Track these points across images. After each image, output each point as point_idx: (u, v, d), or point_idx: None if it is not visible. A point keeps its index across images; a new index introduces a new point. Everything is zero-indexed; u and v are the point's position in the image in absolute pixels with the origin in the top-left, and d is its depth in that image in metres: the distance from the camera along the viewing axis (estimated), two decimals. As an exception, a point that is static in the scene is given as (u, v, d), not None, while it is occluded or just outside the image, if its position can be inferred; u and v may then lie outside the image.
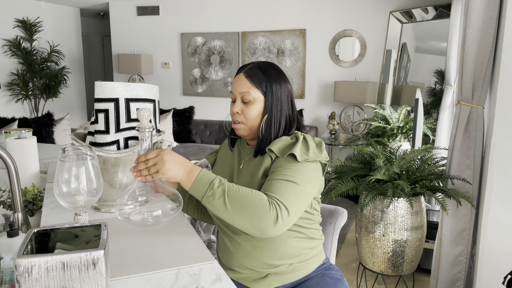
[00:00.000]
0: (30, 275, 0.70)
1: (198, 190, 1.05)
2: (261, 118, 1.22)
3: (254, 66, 1.24)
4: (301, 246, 1.23)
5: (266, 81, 1.21)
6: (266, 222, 1.03)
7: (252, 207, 1.03)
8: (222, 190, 1.04)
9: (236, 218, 1.04)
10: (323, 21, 4.63)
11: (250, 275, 1.24)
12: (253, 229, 1.05)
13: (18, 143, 1.58)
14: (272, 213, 1.04)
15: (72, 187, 0.91)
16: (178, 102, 5.50)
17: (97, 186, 0.95)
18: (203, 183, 1.05)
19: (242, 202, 1.03)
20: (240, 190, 1.05)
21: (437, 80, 3.80)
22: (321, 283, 1.25)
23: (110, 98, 1.25)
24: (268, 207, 1.04)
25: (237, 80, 1.24)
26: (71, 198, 0.93)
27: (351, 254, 3.00)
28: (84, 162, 0.93)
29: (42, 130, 4.33)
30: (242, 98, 1.22)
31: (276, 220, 1.04)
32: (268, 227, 1.04)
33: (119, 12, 5.60)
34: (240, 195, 1.04)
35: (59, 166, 0.92)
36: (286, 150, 1.17)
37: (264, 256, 1.21)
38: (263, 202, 1.04)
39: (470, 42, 1.95)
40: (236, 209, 1.03)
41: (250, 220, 1.03)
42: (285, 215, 1.06)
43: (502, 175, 1.90)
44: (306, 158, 1.15)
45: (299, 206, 1.11)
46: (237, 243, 1.23)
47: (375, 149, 2.28)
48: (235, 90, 1.23)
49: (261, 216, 1.03)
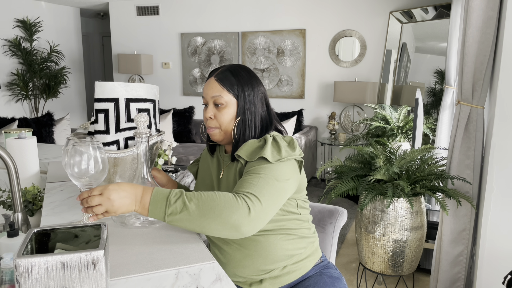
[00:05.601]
0: (30, 275, 0.70)
1: (157, 212, 0.98)
2: (234, 123, 1.20)
3: (224, 70, 1.21)
4: (293, 248, 1.22)
5: (238, 84, 1.19)
6: (237, 217, 0.97)
7: (219, 207, 0.97)
8: (182, 202, 0.98)
9: (206, 225, 0.97)
10: (323, 21, 4.63)
11: (245, 281, 1.23)
12: (227, 230, 0.98)
13: (18, 143, 1.58)
14: (242, 206, 0.98)
15: (82, 168, 1.06)
16: (178, 102, 5.50)
17: (103, 166, 1.08)
18: (159, 203, 0.98)
19: (207, 206, 0.97)
20: (201, 196, 0.99)
21: (437, 80, 3.80)
22: (319, 282, 1.24)
23: (110, 98, 1.25)
24: (236, 202, 0.98)
25: (208, 84, 1.21)
26: (82, 177, 1.07)
27: (351, 254, 3.00)
28: (91, 145, 1.07)
29: (42, 130, 4.33)
30: (215, 102, 1.19)
31: (248, 212, 0.98)
32: (242, 222, 0.97)
33: (119, 12, 5.60)
34: (203, 200, 0.98)
35: (71, 150, 1.06)
36: (254, 153, 1.13)
37: (255, 263, 1.19)
38: (229, 199, 0.98)
39: (470, 42, 1.95)
40: (202, 215, 0.97)
41: (221, 222, 0.97)
42: (258, 205, 1.00)
43: (502, 175, 1.90)
44: (278, 158, 1.10)
45: (273, 199, 1.05)
46: (227, 254, 1.22)
47: (375, 149, 2.28)
48: (207, 95, 1.21)
49: (230, 214, 0.96)
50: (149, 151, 1.23)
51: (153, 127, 1.34)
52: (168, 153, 2.82)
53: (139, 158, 1.18)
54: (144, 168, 1.18)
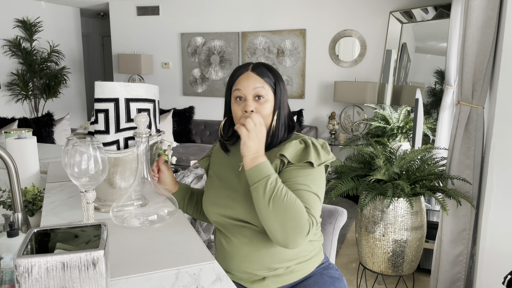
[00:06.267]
0: (30, 275, 0.70)
1: (254, 176, 1.08)
2: (272, 117, 1.21)
3: (259, 65, 1.23)
4: (299, 249, 1.23)
5: (274, 79, 1.22)
6: (299, 239, 1.06)
7: (290, 216, 1.05)
8: (272, 188, 1.06)
9: (271, 219, 1.06)
10: (323, 21, 4.63)
11: (248, 278, 1.23)
12: (280, 236, 1.06)
13: (18, 143, 1.58)
14: (306, 230, 1.07)
15: (82, 168, 1.05)
16: (178, 102, 5.50)
17: (103, 166, 1.07)
18: (260, 173, 1.08)
19: (284, 208, 1.05)
20: (286, 197, 1.06)
21: (437, 80, 3.80)
22: (319, 281, 1.24)
23: (110, 98, 1.25)
24: (306, 225, 1.06)
25: (246, 77, 1.20)
26: (82, 177, 1.07)
27: (351, 254, 3.00)
28: (91, 145, 1.07)
29: (42, 130, 4.33)
30: (257, 94, 1.19)
31: (306, 235, 1.07)
32: (297, 242, 1.07)
33: (119, 12, 5.60)
34: (285, 201, 1.05)
35: (71, 150, 1.05)
36: (300, 157, 1.17)
37: (262, 260, 1.20)
38: (303, 219, 1.06)
39: (470, 42, 1.95)
40: (276, 211, 1.05)
41: (283, 228, 1.05)
42: (313, 228, 1.09)
43: (502, 175, 1.90)
44: (319, 163, 1.16)
45: (318, 216, 1.15)
46: (235, 246, 1.22)
47: (375, 149, 2.28)
48: (247, 87, 1.19)
49: (295, 230, 1.05)
50: (149, 151, 1.23)
51: (153, 127, 1.34)
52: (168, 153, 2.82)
53: (139, 158, 1.18)
54: (144, 168, 1.19)
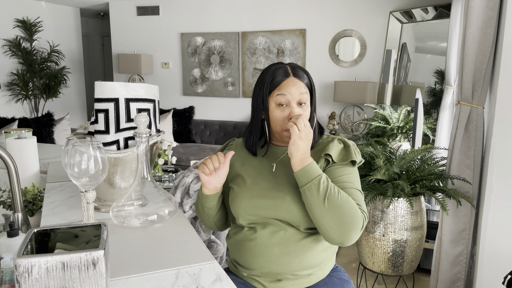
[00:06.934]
0: (30, 275, 0.70)
1: (305, 176, 1.10)
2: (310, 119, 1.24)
3: (296, 67, 1.22)
4: (323, 257, 1.23)
5: (311, 82, 1.23)
6: (354, 235, 1.10)
7: (345, 213, 1.08)
8: (325, 187, 1.09)
9: (327, 218, 1.08)
10: (323, 21, 4.63)
11: (269, 277, 1.22)
12: (336, 233, 1.09)
13: (18, 143, 1.58)
14: (360, 225, 1.10)
15: (82, 168, 1.05)
16: (178, 102, 5.50)
17: (103, 166, 1.07)
18: (311, 173, 1.10)
19: (339, 206, 1.08)
20: (339, 195, 1.09)
21: (437, 80, 3.80)
22: (329, 283, 1.25)
23: (110, 98, 1.25)
24: (360, 221, 1.10)
25: (291, 83, 1.18)
26: (82, 177, 1.06)
27: (351, 254, 3.00)
28: (91, 145, 1.06)
29: (42, 130, 4.33)
30: (301, 101, 1.19)
31: (360, 231, 1.11)
32: (353, 238, 1.10)
33: (119, 12, 5.60)
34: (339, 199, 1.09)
35: (71, 150, 1.05)
36: (343, 156, 1.21)
37: (291, 264, 1.18)
38: (358, 215, 1.10)
39: (470, 42, 1.95)
40: (331, 209, 1.08)
41: (339, 225, 1.08)
42: (365, 224, 1.14)
43: (502, 175, 1.90)
44: (359, 161, 1.22)
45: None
46: (266, 245, 1.19)
47: (375, 149, 2.28)
48: (294, 93, 1.17)
49: (351, 226, 1.08)
50: (149, 151, 1.23)
51: (153, 127, 1.34)
52: (168, 153, 2.82)
53: (139, 158, 1.18)
54: (144, 168, 1.18)
